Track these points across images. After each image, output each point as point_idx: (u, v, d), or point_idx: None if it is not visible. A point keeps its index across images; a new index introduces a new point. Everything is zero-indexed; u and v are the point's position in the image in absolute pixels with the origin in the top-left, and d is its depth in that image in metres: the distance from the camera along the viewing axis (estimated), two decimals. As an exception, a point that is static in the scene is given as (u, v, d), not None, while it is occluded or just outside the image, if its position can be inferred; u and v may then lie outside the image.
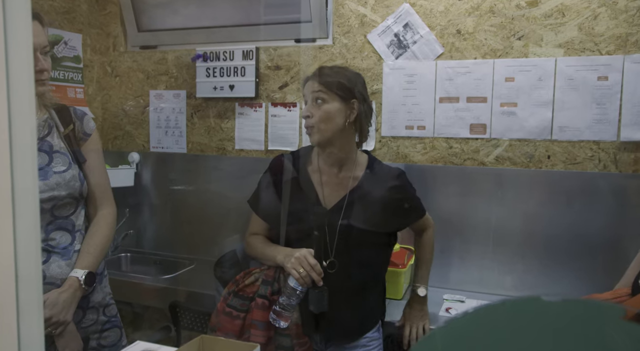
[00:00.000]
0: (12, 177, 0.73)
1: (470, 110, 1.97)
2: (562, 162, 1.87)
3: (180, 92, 2.46)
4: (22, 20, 0.71)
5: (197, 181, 2.45)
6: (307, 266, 1.32)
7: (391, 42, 2.06)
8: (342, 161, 1.47)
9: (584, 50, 1.81)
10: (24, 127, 0.73)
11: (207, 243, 2.38)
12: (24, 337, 0.76)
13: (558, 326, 0.49)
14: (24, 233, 0.73)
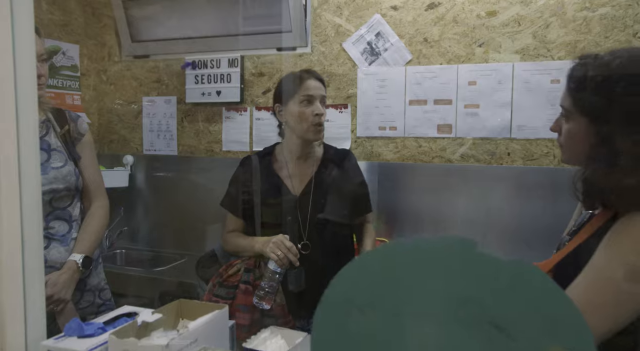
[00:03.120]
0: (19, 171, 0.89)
1: (437, 112, 2.14)
2: (520, 159, 2.04)
3: (171, 97, 2.63)
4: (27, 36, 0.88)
5: (187, 181, 2.61)
6: (284, 249, 1.48)
7: (364, 50, 2.23)
8: (307, 153, 1.65)
9: (538, 56, 1.99)
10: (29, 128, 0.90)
11: (196, 239, 2.53)
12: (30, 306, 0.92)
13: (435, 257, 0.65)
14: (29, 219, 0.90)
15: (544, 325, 0.63)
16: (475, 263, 0.64)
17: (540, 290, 0.62)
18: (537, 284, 0.63)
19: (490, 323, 0.64)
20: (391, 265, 0.67)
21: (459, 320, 0.65)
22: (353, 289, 0.70)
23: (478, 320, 0.64)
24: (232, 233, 1.68)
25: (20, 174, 0.90)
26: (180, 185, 2.63)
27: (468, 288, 0.64)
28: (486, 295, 0.63)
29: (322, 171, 1.66)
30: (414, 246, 0.67)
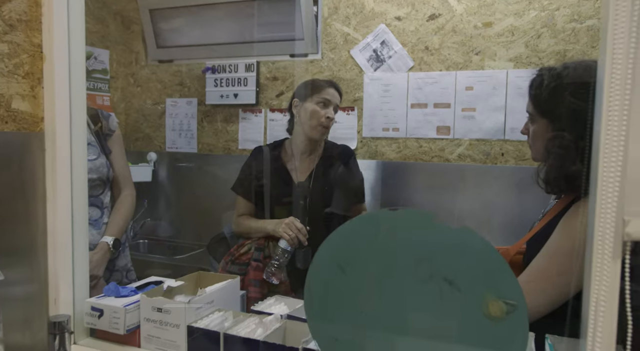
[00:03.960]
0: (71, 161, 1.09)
1: (437, 115, 2.31)
2: (513, 159, 2.19)
3: (192, 99, 2.84)
4: (79, 47, 1.08)
5: (206, 176, 2.81)
6: (295, 229, 1.67)
7: (370, 57, 2.41)
8: (311, 149, 1.85)
9: (530, 64, 2.14)
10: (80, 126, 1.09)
11: (214, 230, 2.73)
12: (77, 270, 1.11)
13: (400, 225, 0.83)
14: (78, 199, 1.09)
15: (483, 279, 0.80)
16: (431, 230, 0.82)
17: (480, 251, 0.80)
18: (478, 247, 0.80)
19: (442, 278, 0.81)
20: (366, 232, 0.86)
21: (417, 276, 0.83)
22: (336, 251, 0.88)
23: (432, 275, 0.82)
24: (242, 216, 1.87)
25: (71, 163, 1.10)
26: (199, 180, 2.83)
27: (425, 249, 0.82)
28: (439, 255, 0.81)
29: (322, 164, 1.85)
30: (384, 216, 0.85)
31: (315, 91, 1.82)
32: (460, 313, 0.82)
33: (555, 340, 0.95)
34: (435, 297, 0.83)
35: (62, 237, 1.09)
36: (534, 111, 1.17)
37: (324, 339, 0.91)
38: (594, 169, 0.71)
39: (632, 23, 0.63)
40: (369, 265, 0.86)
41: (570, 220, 1.08)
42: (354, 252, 0.87)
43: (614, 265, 0.67)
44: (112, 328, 1.08)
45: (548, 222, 1.19)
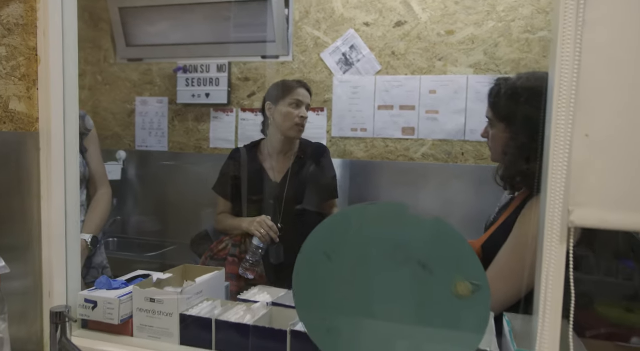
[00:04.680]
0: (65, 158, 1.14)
1: (402, 116, 2.44)
2: (473, 158, 2.35)
3: (163, 98, 2.87)
4: (73, 48, 1.13)
5: (176, 175, 2.85)
6: (267, 227, 1.76)
7: (340, 60, 2.51)
8: (288, 148, 1.94)
9: (488, 70, 2.30)
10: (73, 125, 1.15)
11: (184, 228, 2.77)
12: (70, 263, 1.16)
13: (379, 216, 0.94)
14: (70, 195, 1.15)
15: (452, 262, 0.91)
16: (406, 220, 0.93)
17: (450, 238, 0.92)
18: (448, 234, 0.92)
19: (416, 262, 0.92)
20: (349, 222, 0.96)
21: (394, 261, 0.94)
22: (322, 241, 0.98)
23: (408, 260, 0.93)
24: (222, 214, 1.95)
25: (65, 161, 1.16)
26: (169, 179, 2.87)
27: (401, 237, 0.92)
28: (413, 242, 0.92)
29: (298, 163, 1.95)
30: (365, 208, 0.95)
31: (287, 93, 1.91)
32: (432, 293, 0.93)
33: (511, 317, 1.07)
34: (411, 279, 0.94)
35: (56, 232, 1.14)
36: (493, 116, 1.30)
37: (311, 321, 1.01)
38: (545, 168, 0.84)
39: (576, 45, 0.75)
40: (352, 253, 0.96)
41: (526, 218, 1.21)
42: (338, 241, 0.97)
43: (561, 248, 0.80)
44: (106, 318, 1.14)
45: (507, 219, 1.32)
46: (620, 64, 0.73)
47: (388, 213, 0.94)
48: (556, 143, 0.78)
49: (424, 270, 0.93)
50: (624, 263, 1.22)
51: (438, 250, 0.92)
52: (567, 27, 0.76)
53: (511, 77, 1.27)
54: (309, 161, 1.96)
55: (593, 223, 0.78)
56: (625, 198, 0.76)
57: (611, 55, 0.74)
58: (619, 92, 0.74)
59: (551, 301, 0.82)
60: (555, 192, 0.78)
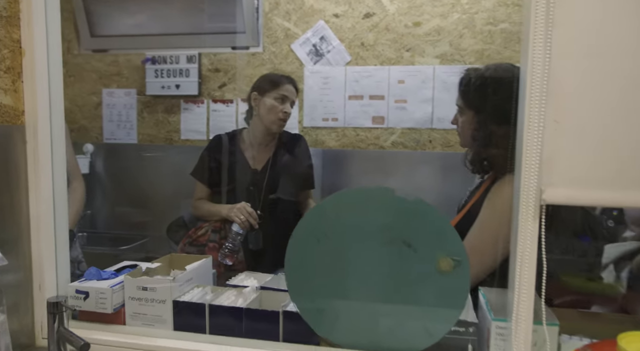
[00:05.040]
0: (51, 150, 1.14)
1: (372, 106, 2.51)
2: (440, 145, 2.45)
3: (131, 90, 2.84)
4: (56, 42, 1.14)
5: (146, 167, 2.83)
6: (246, 213, 1.81)
7: (310, 51, 2.56)
8: (270, 138, 1.98)
9: (454, 61, 2.40)
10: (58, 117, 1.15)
11: (158, 220, 2.77)
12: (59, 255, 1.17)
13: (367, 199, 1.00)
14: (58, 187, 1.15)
15: (435, 241, 0.99)
16: (392, 203, 0.99)
17: (432, 218, 0.99)
18: (430, 215, 0.99)
19: (401, 241, 0.99)
20: (339, 206, 1.02)
21: (381, 240, 1.00)
22: (313, 224, 1.03)
23: (393, 239, 1.00)
24: (200, 200, 1.99)
25: (52, 153, 1.16)
26: (139, 171, 2.85)
27: (387, 218, 0.99)
28: (398, 223, 0.99)
29: (278, 153, 1.99)
30: (354, 193, 1.01)
31: (274, 87, 1.95)
32: (417, 270, 1.00)
33: (486, 290, 1.16)
34: (396, 257, 1.01)
35: (45, 224, 1.15)
36: (463, 104, 1.38)
37: (302, 301, 1.06)
38: (518, 152, 0.92)
39: (546, 41, 0.83)
40: (341, 235, 1.02)
41: (493, 197, 1.30)
42: (328, 225, 1.03)
43: (534, 224, 0.88)
44: (99, 308, 1.16)
45: (476, 200, 1.41)
46: (585, 58, 0.82)
47: (375, 196, 1.00)
48: (529, 130, 0.85)
49: (408, 249, 1.00)
50: (582, 238, 1.33)
51: (421, 229, 1.00)
52: (538, 25, 0.84)
53: (480, 67, 1.36)
54: (288, 151, 2.00)
55: (562, 201, 0.86)
56: (590, 177, 0.85)
57: (577, 50, 0.82)
58: (585, 83, 0.82)
59: (527, 273, 0.90)
60: (529, 173, 0.86)
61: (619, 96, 0.82)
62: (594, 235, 1.38)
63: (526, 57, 0.87)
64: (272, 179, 1.95)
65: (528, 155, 0.86)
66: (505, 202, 1.26)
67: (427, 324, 1.02)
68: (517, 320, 0.92)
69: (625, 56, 0.81)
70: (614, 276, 1.41)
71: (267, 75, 2.04)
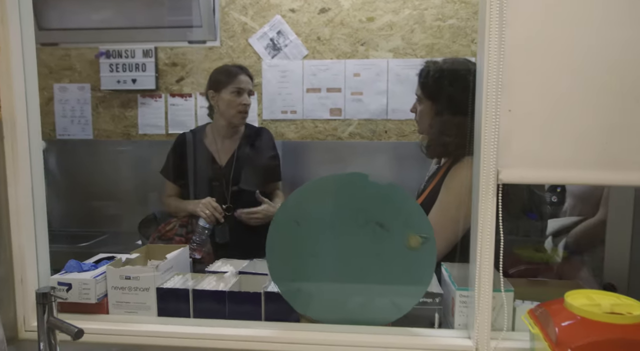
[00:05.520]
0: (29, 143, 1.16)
1: (330, 98, 2.60)
2: (395, 135, 2.58)
3: (85, 85, 2.79)
4: (30, 37, 1.15)
5: (103, 163, 2.80)
6: (211, 208, 1.85)
7: (268, 45, 2.61)
8: (232, 132, 2.03)
9: (406, 54, 2.52)
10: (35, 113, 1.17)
11: (116, 217, 2.75)
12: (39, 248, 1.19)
13: (342, 184, 1.08)
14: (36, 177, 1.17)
15: (405, 221, 1.09)
16: (366, 187, 1.08)
17: (402, 200, 1.09)
18: (400, 197, 1.09)
19: (375, 223, 1.09)
20: (316, 191, 1.10)
21: (356, 223, 1.09)
22: (293, 209, 1.11)
23: (368, 221, 1.09)
24: (170, 197, 2.01)
25: (30, 148, 1.17)
26: (96, 167, 2.81)
27: (362, 202, 1.08)
28: (372, 206, 1.08)
29: (243, 146, 2.05)
30: (330, 179, 1.09)
31: (228, 81, 1.99)
32: (389, 248, 1.10)
33: (448, 265, 1.28)
34: (370, 238, 1.10)
35: (24, 219, 1.16)
36: (422, 94, 1.50)
37: (283, 281, 1.14)
38: (477, 138, 1.03)
39: (501, 39, 0.94)
40: (319, 218, 1.10)
41: (452, 180, 1.42)
42: (307, 209, 1.11)
43: (493, 202, 1.00)
44: (82, 298, 1.19)
45: (435, 185, 1.53)
46: (534, 54, 0.94)
47: (350, 181, 1.09)
48: (486, 118, 0.97)
49: (381, 229, 1.10)
50: (529, 215, 1.48)
51: (393, 210, 1.09)
52: (492, 25, 0.95)
53: (438, 60, 1.47)
54: (252, 144, 2.06)
55: (515, 180, 0.98)
56: (540, 159, 0.97)
57: (527, 46, 0.94)
58: (534, 76, 0.94)
59: (487, 246, 1.02)
60: (488, 156, 0.97)
61: (563, 87, 0.94)
62: (539, 211, 1.53)
63: (482, 54, 0.98)
64: (237, 173, 2.00)
65: (486, 140, 0.98)
66: (462, 184, 1.39)
67: (396, 299, 1.12)
68: (479, 288, 1.04)
69: (570, 50, 0.93)
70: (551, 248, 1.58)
71: (219, 69, 2.08)
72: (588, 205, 1.66)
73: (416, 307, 1.14)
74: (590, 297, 0.94)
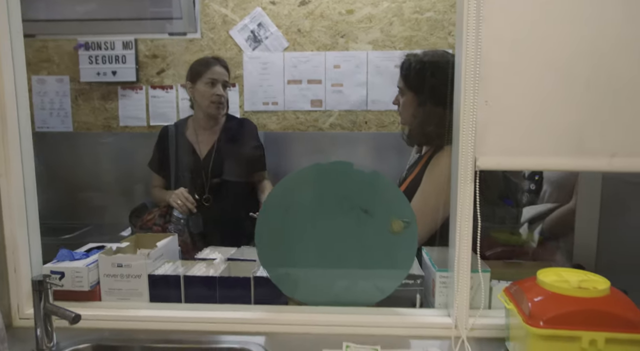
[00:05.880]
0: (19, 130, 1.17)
1: (310, 90, 2.64)
2: (375, 126, 2.64)
3: (64, 77, 2.76)
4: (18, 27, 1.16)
5: (84, 155, 2.79)
6: (183, 198, 1.90)
7: (248, 37, 2.63)
8: (212, 124, 2.06)
9: (385, 46, 2.58)
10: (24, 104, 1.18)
11: (99, 209, 2.75)
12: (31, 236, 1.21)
13: (328, 173, 1.14)
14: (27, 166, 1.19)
15: (388, 207, 1.15)
16: (350, 175, 1.14)
17: (385, 187, 1.14)
18: (383, 184, 1.14)
19: (359, 209, 1.14)
20: (302, 180, 1.15)
21: (341, 209, 1.15)
22: (280, 198, 1.16)
23: (352, 207, 1.14)
24: (155, 187, 2.05)
25: (20, 138, 1.19)
26: (77, 160, 2.80)
27: (347, 188, 1.14)
28: (356, 193, 1.14)
29: (223, 137, 2.08)
30: (316, 167, 1.14)
31: (202, 72, 2.03)
32: (373, 232, 1.16)
33: (429, 249, 1.35)
34: (355, 223, 1.16)
35: (16, 209, 1.18)
36: (404, 86, 1.55)
37: (272, 266, 1.19)
38: (455, 128, 1.09)
39: (478, 34, 1.00)
40: (305, 205, 1.15)
41: (433, 168, 1.49)
42: (294, 197, 1.15)
43: (471, 188, 1.06)
44: (75, 286, 1.22)
45: (417, 173, 1.59)
46: (510, 48, 1.00)
47: (335, 170, 1.14)
48: (465, 109, 1.03)
49: (365, 215, 1.15)
50: (505, 201, 1.55)
51: (377, 197, 1.15)
52: (470, 21, 1.01)
53: (419, 52, 1.53)
54: (233, 135, 2.09)
55: (492, 166, 1.05)
56: (513, 147, 1.04)
57: (503, 41, 1.00)
58: (510, 70, 1.00)
59: (465, 229, 1.08)
60: (466, 145, 1.03)
61: (538, 79, 1.01)
62: (515, 198, 1.61)
63: (460, 48, 1.04)
64: (216, 164, 2.04)
65: (464, 130, 1.04)
66: (443, 172, 1.45)
67: (379, 281, 1.18)
68: (457, 269, 1.11)
69: (545, 44, 1.00)
70: (526, 233, 1.67)
71: (196, 62, 2.11)
72: (563, 192, 1.74)
73: (399, 289, 1.20)
74: (560, 274, 1.01)
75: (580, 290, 0.95)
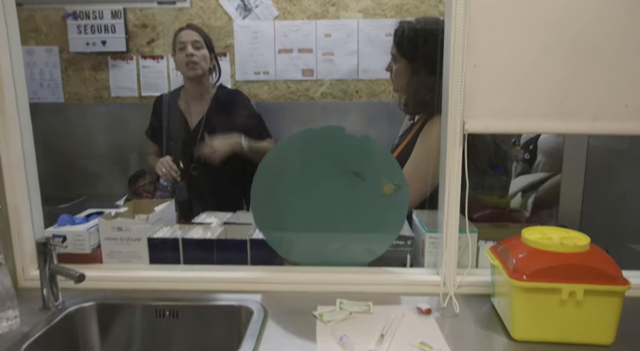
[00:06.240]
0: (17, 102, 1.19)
1: (301, 59, 2.64)
2: (366, 95, 2.66)
3: (52, 47, 2.74)
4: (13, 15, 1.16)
5: (76, 126, 2.79)
6: (167, 167, 1.93)
7: (238, 6, 2.61)
8: (201, 93, 2.07)
9: (376, 15, 2.57)
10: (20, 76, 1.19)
11: (93, 179, 2.77)
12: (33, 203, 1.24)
13: (322, 137, 1.17)
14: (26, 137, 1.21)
15: (379, 170, 1.18)
16: (343, 139, 1.17)
17: (376, 151, 1.18)
18: (374, 148, 1.18)
19: (351, 172, 1.18)
20: (296, 144, 1.18)
21: (334, 173, 1.18)
22: (277, 157, 1.19)
23: (345, 171, 1.18)
24: (150, 155, 2.10)
25: (18, 108, 1.21)
26: (69, 131, 2.80)
27: (339, 153, 1.17)
28: (349, 156, 1.17)
29: (214, 108, 2.09)
30: (309, 132, 1.18)
31: (174, 41, 2.05)
32: (365, 195, 1.20)
33: (419, 212, 1.39)
34: (347, 186, 1.20)
35: (17, 175, 1.21)
36: (397, 53, 1.57)
37: (267, 229, 1.23)
38: (445, 92, 1.12)
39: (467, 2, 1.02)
40: (299, 169, 1.19)
41: (426, 134, 1.52)
42: (290, 157, 1.19)
43: (459, 150, 1.10)
44: (77, 249, 1.25)
45: (410, 140, 1.63)
46: (499, 13, 1.02)
47: (328, 134, 1.18)
48: (454, 73, 1.06)
49: (357, 178, 1.19)
50: (495, 169, 1.60)
51: (368, 161, 1.19)
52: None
53: (411, 20, 1.54)
54: (223, 106, 2.10)
55: (480, 130, 1.09)
56: (500, 110, 1.07)
57: (491, 9, 1.02)
58: (498, 34, 1.03)
59: (454, 190, 1.13)
60: (455, 109, 1.07)
61: (525, 44, 1.04)
62: (504, 166, 1.66)
63: (450, 13, 1.06)
64: (206, 133, 2.06)
65: (453, 94, 1.07)
66: (436, 139, 1.49)
67: (371, 242, 1.23)
68: (446, 230, 1.16)
69: (532, 10, 1.02)
70: (519, 202, 1.72)
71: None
72: (557, 161, 1.78)
73: (390, 249, 1.25)
74: (544, 232, 1.07)
75: (562, 246, 1.00)
